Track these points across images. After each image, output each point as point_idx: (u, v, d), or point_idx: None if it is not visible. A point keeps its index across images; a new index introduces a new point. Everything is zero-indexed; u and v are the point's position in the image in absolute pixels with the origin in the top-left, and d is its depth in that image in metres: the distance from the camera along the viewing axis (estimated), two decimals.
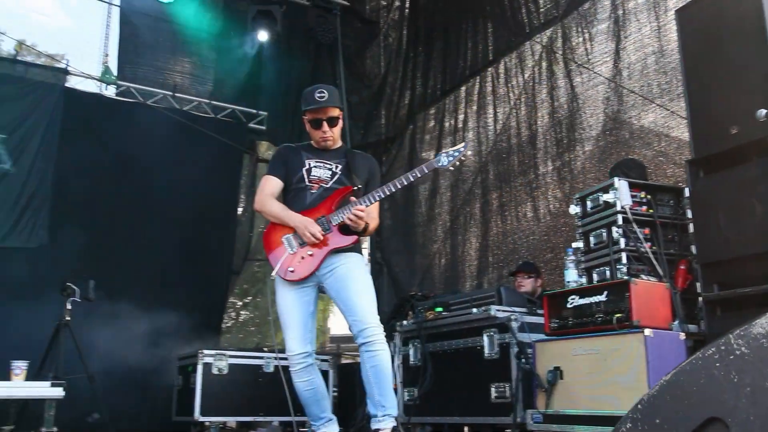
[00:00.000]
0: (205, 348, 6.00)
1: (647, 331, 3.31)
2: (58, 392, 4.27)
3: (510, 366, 4.14)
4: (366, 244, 8.76)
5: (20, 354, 5.58)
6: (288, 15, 8.17)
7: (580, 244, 4.50)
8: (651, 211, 4.28)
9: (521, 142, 6.54)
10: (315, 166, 3.74)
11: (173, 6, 7.64)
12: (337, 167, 3.75)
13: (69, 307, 5.49)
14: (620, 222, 4.17)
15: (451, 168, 3.73)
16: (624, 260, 4.10)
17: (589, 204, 4.47)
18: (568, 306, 3.77)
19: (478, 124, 7.12)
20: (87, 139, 7.29)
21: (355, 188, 3.66)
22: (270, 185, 3.79)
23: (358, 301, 3.50)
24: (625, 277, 3.90)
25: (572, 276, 4.12)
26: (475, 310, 4.44)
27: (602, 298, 3.60)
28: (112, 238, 7.27)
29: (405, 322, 5.06)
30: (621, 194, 4.23)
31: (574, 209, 4.58)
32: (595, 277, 4.30)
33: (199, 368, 5.78)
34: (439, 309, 4.75)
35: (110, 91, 7.79)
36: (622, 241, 4.14)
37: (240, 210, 8.70)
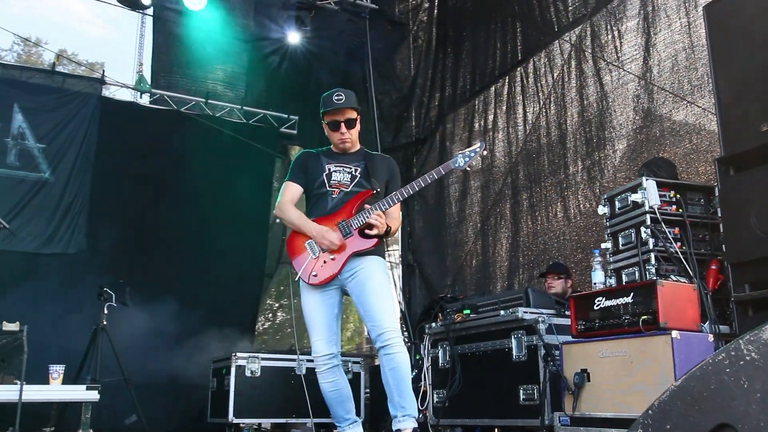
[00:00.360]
0: (240, 350, 6.10)
1: (674, 333, 3.26)
2: (93, 395, 4.39)
3: (538, 368, 4.12)
4: (397, 245, 8.79)
5: (60, 358, 5.75)
6: (318, 19, 8.26)
7: (608, 245, 4.47)
8: (680, 210, 4.22)
9: (551, 141, 6.49)
10: (335, 171, 3.79)
11: (204, 14, 7.75)
12: (356, 170, 3.80)
13: (106, 311, 5.63)
14: (648, 222, 4.13)
15: (468, 168, 3.71)
16: (653, 261, 4.07)
17: (617, 204, 4.43)
18: (595, 308, 3.74)
19: (508, 124, 7.09)
20: (123, 146, 7.47)
21: (374, 192, 3.71)
22: (290, 192, 3.85)
23: (376, 305, 3.54)
24: (653, 278, 3.87)
25: (599, 277, 4.08)
26: (502, 312, 4.43)
27: (629, 299, 3.55)
28: (148, 244, 7.44)
29: (434, 325, 5.06)
30: (649, 194, 4.18)
31: (602, 209, 4.54)
32: (624, 278, 4.27)
33: (233, 371, 5.88)
34: (467, 311, 4.75)
35: (145, 100, 7.97)
36: (651, 242, 4.10)
37: (273, 213, 8.80)
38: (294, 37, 8.17)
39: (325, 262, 3.64)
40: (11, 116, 6.88)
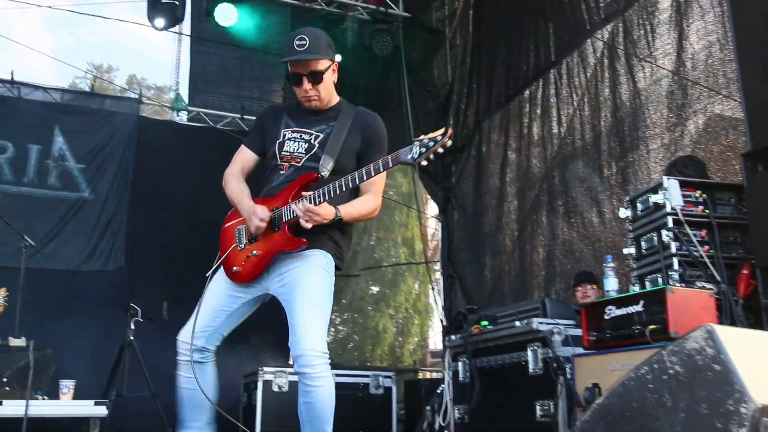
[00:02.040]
0: (276, 365, 6.05)
1: None
2: (101, 411, 4.40)
3: (555, 382, 3.89)
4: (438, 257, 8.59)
5: (94, 374, 5.86)
6: (351, 30, 8.24)
7: (631, 250, 4.21)
8: (707, 211, 3.93)
9: (586, 144, 6.21)
10: (290, 139, 3.04)
11: (239, 30, 7.78)
12: (317, 138, 3.01)
13: (132, 326, 5.68)
14: (671, 224, 3.86)
15: (424, 162, 2.68)
16: (676, 266, 3.79)
17: (639, 206, 4.18)
18: (606, 317, 3.49)
19: (543, 128, 6.84)
20: (160, 164, 7.59)
21: (318, 176, 2.91)
22: (240, 158, 3.20)
23: (300, 318, 2.81)
24: (675, 284, 3.61)
25: (612, 285, 3.82)
26: (517, 323, 4.21)
27: (639, 308, 3.30)
28: (185, 260, 7.49)
29: (453, 337, 4.88)
30: (671, 194, 3.92)
31: (624, 212, 4.30)
32: (647, 285, 4.00)
33: (260, 386, 5.84)
34: (485, 323, 4.55)
35: (182, 118, 8.09)
36: (674, 246, 3.82)
37: None
38: (337, 56, 8.09)
39: (248, 257, 2.97)
40: (52, 138, 7.10)
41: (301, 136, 3.03)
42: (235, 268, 3.01)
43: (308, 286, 2.87)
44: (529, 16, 7.13)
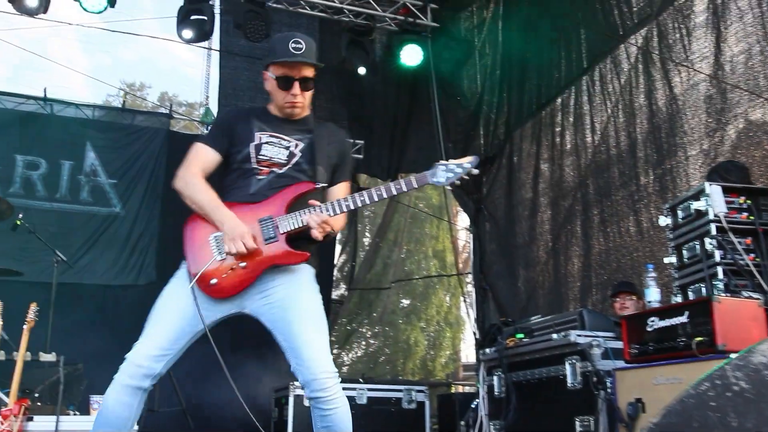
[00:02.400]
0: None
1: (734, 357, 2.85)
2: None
3: (595, 397, 3.75)
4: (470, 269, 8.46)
5: None
6: (383, 40, 8.22)
7: (673, 259, 4.05)
8: (752, 218, 3.77)
9: (621, 151, 6.06)
10: (267, 143, 2.82)
11: (267, 44, 7.80)
12: (297, 146, 2.84)
13: None
14: (714, 232, 3.70)
15: (449, 187, 2.73)
16: (720, 275, 3.64)
17: (680, 214, 4.02)
18: (648, 329, 3.35)
19: (576, 136, 6.70)
20: None
21: (318, 186, 2.79)
22: (201, 158, 2.83)
23: (307, 340, 2.60)
24: (721, 294, 3.46)
25: (654, 295, 3.68)
26: (555, 335, 4.08)
27: (683, 319, 3.16)
28: None
29: (487, 350, 4.75)
30: (714, 201, 3.76)
31: (664, 220, 4.15)
32: (690, 295, 3.85)
33: (291, 400, 5.78)
34: (521, 335, 4.42)
35: None
36: (718, 254, 3.67)
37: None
38: (360, 66, 8.05)
39: (232, 269, 2.66)
40: (84, 154, 7.16)
41: (279, 141, 2.84)
42: (213, 280, 2.66)
43: (304, 304, 2.69)
44: (559, 22, 7.01)
